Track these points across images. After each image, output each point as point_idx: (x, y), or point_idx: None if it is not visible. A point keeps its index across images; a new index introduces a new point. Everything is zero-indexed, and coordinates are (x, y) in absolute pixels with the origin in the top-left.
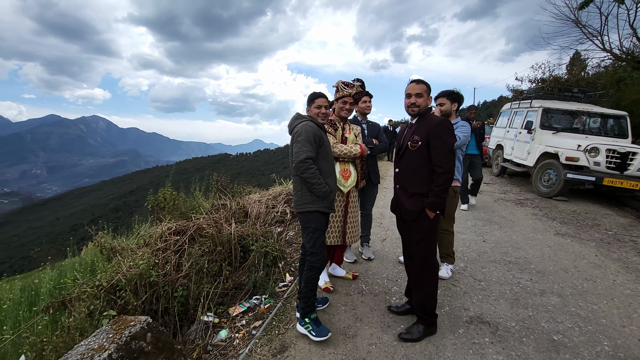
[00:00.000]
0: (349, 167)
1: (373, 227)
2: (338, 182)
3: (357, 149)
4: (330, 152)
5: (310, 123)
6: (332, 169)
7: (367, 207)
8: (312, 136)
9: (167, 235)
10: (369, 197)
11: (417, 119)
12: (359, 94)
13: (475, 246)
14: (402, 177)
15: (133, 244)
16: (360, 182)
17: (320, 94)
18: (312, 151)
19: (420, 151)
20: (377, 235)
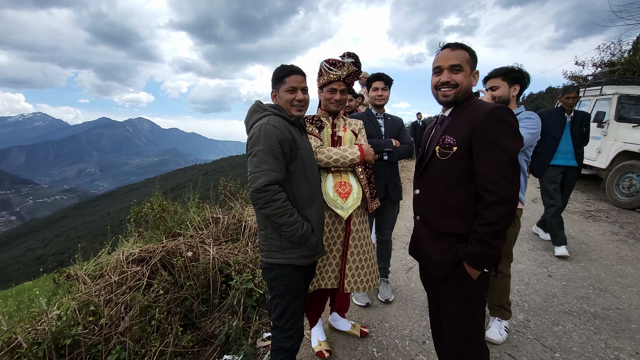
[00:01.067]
0: (349, 180)
1: (396, 248)
2: (331, 203)
3: (354, 152)
4: (315, 163)
5: (275, 119)
6: (315, 192)
7: (384, 231)
8: (276, 143)
9: (125, 266)
10: (387, 218)
11: (453, 110)
12: (353, 75)
13: (538, 284)
14: (424, 204)
15: (90, 270)
16: (371, 202)
17: (292, 68)
18: (279, 169)
19: (455, 162)
20: (401, 263)
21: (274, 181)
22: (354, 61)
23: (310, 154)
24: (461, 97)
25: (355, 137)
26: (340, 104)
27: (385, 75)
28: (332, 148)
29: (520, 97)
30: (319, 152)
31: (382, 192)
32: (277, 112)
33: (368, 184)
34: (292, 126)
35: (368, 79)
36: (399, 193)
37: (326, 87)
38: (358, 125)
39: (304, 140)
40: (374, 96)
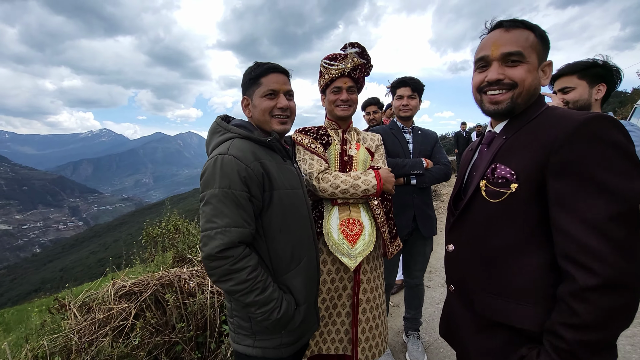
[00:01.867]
0: (359, 216)
1: (432, 285)
2: (335, 248)
3: (369, 180)
4: (303, 202)
5: (239, 146)
6: (304, 245)
7: (414, 274)
8: (239, 183)
9: (112, 301)
10: (417, 258)
11: (509, 124)
12: (362, 69)
13: None
14: (463, 270)
15: (81, 302)
16: (390, 245)
17: (270, 65)
18: (244, 222)
19: (514, 207)
20: (437, 306)
21: (235, 242)
22: (360, 52)
23: (296, 190)
24: (522, 104)
25: (372, 157)
26: (349, 105)
27: (412, 79)
28: (340, 174)
29: (606, 100)
30: (322, 180)
31: (410, 225)
32: (245, 132)
33: (386, 222)
34: (267, 152)
35: (392, 85)
36: (431, 227)
37: (329, 87)
38: (375, 142)
39: (286, 171)
40: (397, 106)
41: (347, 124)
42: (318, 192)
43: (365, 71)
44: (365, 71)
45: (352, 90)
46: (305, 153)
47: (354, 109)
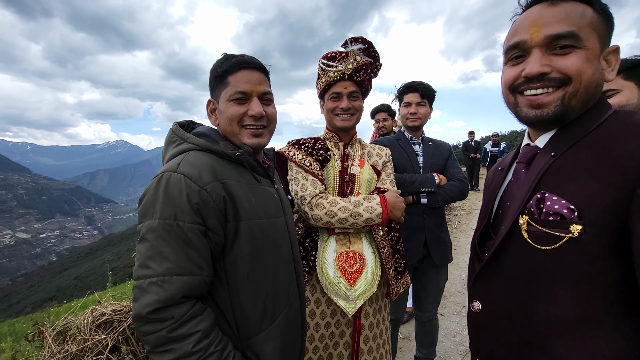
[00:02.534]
0: (361, 249)
1: (446, 313)
2: (330, 288)
3: (374, 208)
4: (284, 235)
5: (195, 160)
6: (281, 293)
7: (426, 307)
8: (188, 212)
9: (88, 332)
10: (429, 289)
11: (558, 135)
12: (367, 70)
13: None
14: (494, 339)
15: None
16: (395, 283)
17: (241, 59)
18: (191, 268)
19: (575, 260)
20: (453, 340)
21: (177, 297)
22: (366, 48)
23: (274, 219)
24: (578, 107)
25: (378, 177)
26: (351, 114)
27: (421, 84)
28: (338, 200)
29: None
30: (317, 206)
31: (421, 251)
32: (206, 142)
33: (392, 256)
34: (235, 170)
35: (398, 91)
36: (445, 254)
37: (327, 92)
38: (382, 157)
39: (260, 195)
40: (405, 114)
41: (349, 135)
42: (311, 221)
43: (372, 72)
44: (371, 72)
45: (354, 96)
46: (299, 171)
47: (357, 118)
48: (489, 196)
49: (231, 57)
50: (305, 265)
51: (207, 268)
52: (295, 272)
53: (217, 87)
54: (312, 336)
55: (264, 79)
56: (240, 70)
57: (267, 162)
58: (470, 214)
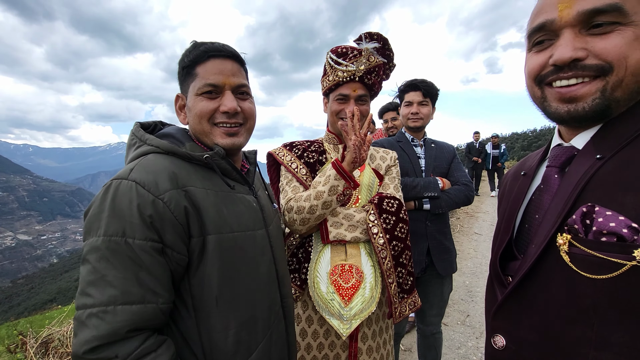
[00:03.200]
0: (359, 261)
1: (450, 323)
2: (322, 305)
3: (328, 173)
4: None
5: (154, 163)
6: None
7: (429, 320)
8: (139, 227)
9: (70, 344)
10: (432, 300)
11: (601, 133)
12: (379, 71)
13: None
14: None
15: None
16: (399, 303)
17: (212, 46)
18: (142, 294)
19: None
20: (457, 352)
21: (121, 332)
22: (381, 47)
23: (250, 232)
24: (624, 99)
25: (380, 181)
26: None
27: (424, 82)
28: (302, 192)
29: None
30: (288, 210)
31: (424, 261)
32: (168, 144)
33: (394, 269)
34: (203, 175)
35: (399, 90)
36: (450, 263)
37: (333, 92)
38: (387, 160)
39: (234, 204)
40: (406, 114)
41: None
42: (290, 228)
43: (384, 73)
44: (384, 73)
45: (362, 100)
46: (285, 176)
47: (362, 123)
48: (510, 206)
49: (199, 45)
50: (297, 278)
51: (164, 293)
52: (280, 292)
53: (185, 80)
54: (302, 358)
55: (238, 69)
56: (210, 59)
57: (246, 166)
58: (473, 217)
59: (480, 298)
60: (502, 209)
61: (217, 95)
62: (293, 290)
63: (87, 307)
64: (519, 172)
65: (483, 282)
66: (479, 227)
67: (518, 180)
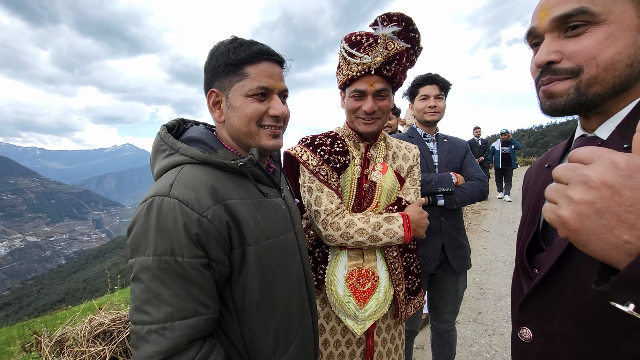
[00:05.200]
0: (375, 266)
1: (462, 320)
2: (338, 306)
3: (395, 231)
4: (295, 252)
5: (192, 177)
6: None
7: (443, 317)
8: (187, 246)
9: (85, 343)
10: (447, 297)
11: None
12: (400, 60)
13: None
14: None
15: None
16: (405, 305)
17: (261, 47)
18: (195, 308)
19: None
20: (470, 349)
21: (182, 345)
22: (403, 29)
23: (281, 235)
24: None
25: (400, 185)
26: (377, 118)
27: (439, 76)
28: (355, 220)
29: None
30: (332, 226)
31: (438, 257)
32: (202, 153)
33: (404, 277)
34: (238, 184)
35: (413, 84)
36: (464, 259)
37: (349, 87)
38: (409, 160)
39: (267, 211)
40: (422, 108)
41: (373, 137)
42: (324, 240)
43: (409, 60)
44: (407, 60)
45: (382, 95)
46: (312, 179)
47: (383, 120)
48: (535, 199)
49: (250, 44)
50: (314, 278)
51: (212, 304)
52: (307, 288)
53: (226, 76)
54: (320, 354)
55: (282, 74)
56: (263, 61)
57: (272, 166)
58: (481, 214)
59: (491, 295)
60: (527, 201)
61: (265, 98)
62: None
63: (145, 324)
64: (543, 164)
65: (493, 279)
66: (487, 224)
67: (542, 172)
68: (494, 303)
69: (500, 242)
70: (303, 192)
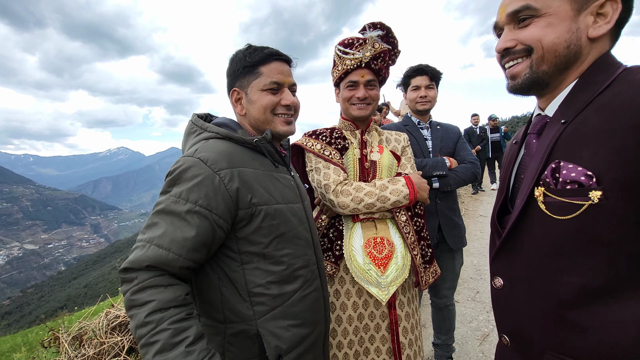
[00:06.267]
0: (388, 234)
1: (461, 300)
2: (360, 275)
3: (400, 189)
4: (303, 220)
5: (215, 146)
6: (298, 277)
7: (442, 293)
8: (194, 194)
9: (103, 335)
10: (445, 274)
11: (566, 101)
12: (385, 57)
13: None
14: (520, 314)
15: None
16: (424, 272)
17: (271, 50)
18: (169, 245)
19: (597, 227)
20: (469, 326)
21: (143, 264)
22: (384, 35)
23: (291, 204)
24: (552, 71)
25: (398, 162)
26: (368, 104)
27: (429, 67)
28: (363, 185)
29: None
30: (342, 193)
31: (435, 236)
32: (226, 131)
33: (418, 243)
34: (253, 157)
35: (405, 75)
36: (460, 237)
37: (343, 81)
38: (401, 142)
39: (278, 181)
40: (414, 98)
41: (366, 123)
42: (337, 209)
43: (390, 59)
44: (389, 59)
45: (371, 85)
46: (318, 161)
47: (373, 107)
48: (505, 171)
49: (262, 49)
50: (332, 256)
51: (192, 253)
52: (316, 256)
53: (245, 76)
54: (345, 330)
55: (291, 71)
56: (274, 61)
57: (284, 152)
58: (477, 200)
59: (488, 276)
60: (501, 173)
61: (277, 91)
62: (329, 267)
63: (139, 241)
64: (513, 141)
65: (485, 262)
66: (484, 209)
67: (512, 148)
68: (488, 283)
69: None
70: (312, 175)
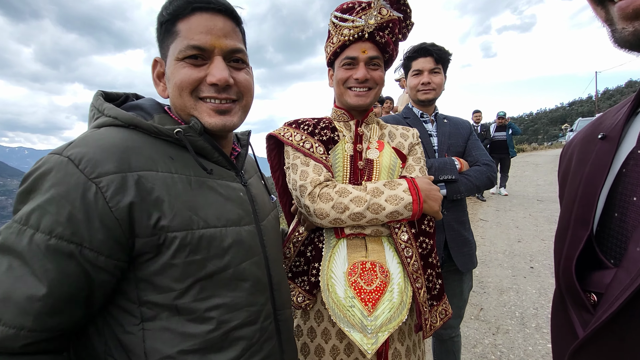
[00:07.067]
0: (382, 257)
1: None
2: (338, 315)
3: (400, 196)
4: (257, 249)
5: (106, 138)
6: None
7: (448, 324)
8: (55, 221)
9: None
10: (451, 299)
11: None
12: (391, 29)
13: None
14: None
15: None
16: (429, 313)
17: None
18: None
19: None
20: (472, 351)
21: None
22: (395, 1)
23: (236, 227)
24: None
25: (403, 163)
26: (369, 88)
27: (435, 46)
28: (350, 188)
29: None
30: (321, 197)
31: (440, 255)
32: (130, 115)
33: (423, 269)
34: (176, 155)
35: (406, 57)
36: (470, 257)
37: (339, 58)
38: (409, 138)
39: (210, 191)
40: (415, 85)
41: (363, 113)
42: (314, 218)
43: (400, 32)
44: (399, 32)
45: (375, 64)
46: (296, 156)
47: (376, 93)
48: (584, 186)
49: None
50: (306, 282)
51: (41, 323)
52: (273, 303)
53: (164, 39)
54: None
55: (232, 28)
56: (195, 13)
57: (237, 150)
58: (476, 202)
59: (492, 289)
60: (570, 189)
61: (204, 62)
62: (302, 298)
63: None
64: (595, 134)
65: (494, 271)
66: (483, 213)
67: (594, 146)
68: (496, 298)
69: (498, 231)
70: (288, 175)
